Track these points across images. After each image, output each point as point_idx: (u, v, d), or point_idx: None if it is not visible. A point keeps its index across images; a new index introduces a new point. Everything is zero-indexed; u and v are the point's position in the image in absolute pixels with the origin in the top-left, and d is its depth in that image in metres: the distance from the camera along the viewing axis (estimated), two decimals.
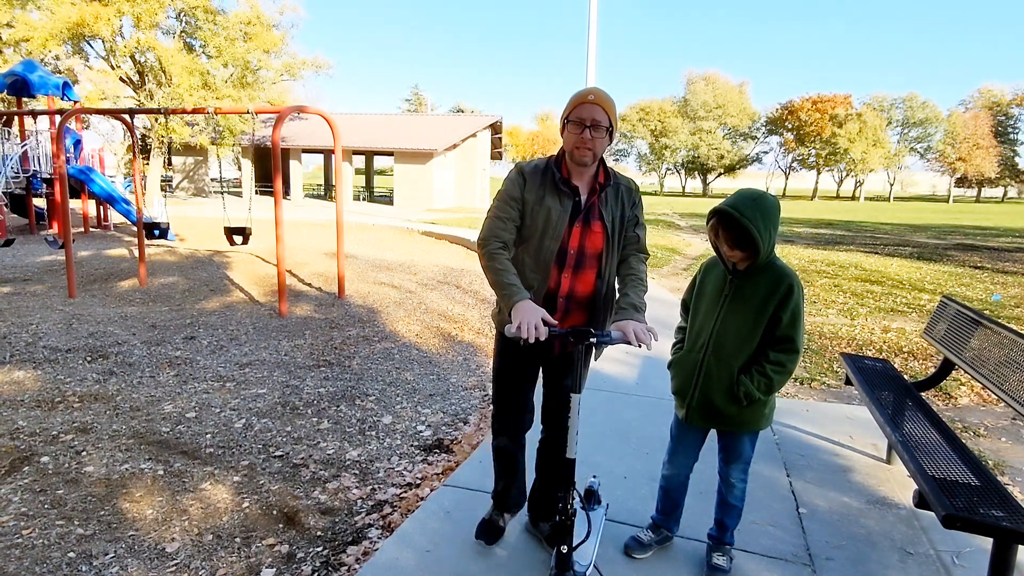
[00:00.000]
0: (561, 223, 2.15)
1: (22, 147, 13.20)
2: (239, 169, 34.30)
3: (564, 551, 1.99)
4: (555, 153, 2.25)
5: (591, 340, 1.96)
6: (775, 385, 2.16)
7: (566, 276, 2.19)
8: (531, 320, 1.91)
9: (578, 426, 2.01)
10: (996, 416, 4.29)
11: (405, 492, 3.11)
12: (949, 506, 1.99)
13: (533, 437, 2.50)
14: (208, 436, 3.65)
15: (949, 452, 2.46)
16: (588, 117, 2.06)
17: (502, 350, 2.34)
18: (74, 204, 15.62)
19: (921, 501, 2.13)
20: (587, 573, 2.18)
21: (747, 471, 2.35)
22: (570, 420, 2.01)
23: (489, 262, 2.14)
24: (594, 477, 2.70)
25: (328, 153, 34.22)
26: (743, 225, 2.01)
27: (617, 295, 2.25)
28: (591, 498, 2.62)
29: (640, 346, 1.97)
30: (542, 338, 1.91)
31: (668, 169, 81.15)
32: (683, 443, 2.41)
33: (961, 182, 73.48)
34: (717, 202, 2.13)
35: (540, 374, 2.42)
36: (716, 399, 2.22)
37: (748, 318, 2.16)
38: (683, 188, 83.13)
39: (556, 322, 2.00)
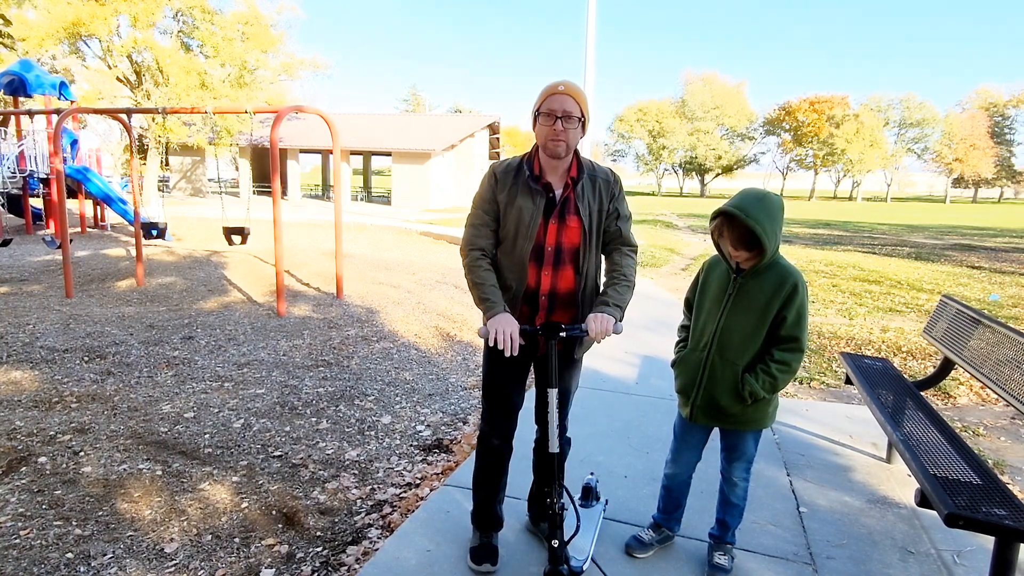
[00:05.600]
0: (534, 222, 2.11)
1: (19, 147, 13.15)
2: (236, 169, 34.25)
3: (555, 545, 1.99)
4: (527, 152, 2.20)
5: (560, 335, 2.03)
6: (780, 384, 2.15)
7: (546, 274, 2.16)
8: (505, 330, 1.98)
9: (557, 420, 2.06)
10: (995, 415, 4.29)
11: (405, 492, 3.10)
12: (951, 505, 1.99)
13: (530, 437, 2.48)
14: (207, 436, 3.63)
15: (950, 451, 2.45)
16: (559, 108, 2.02)
17: (491, 352, 2.33)
18: (71, 204, 15.57)
19: (923, 500, 2.12)
20: (584, 567, 2.18)
21: (750, 470, 2.34)
22: (549, 415, 2.05)
23: (469, 274, 2.16)
24: (591, 474, 2.71)
25: (326, 153, 34.18)
26: (748, 226, 2.00)
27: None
28: (589, 495, 2.62)
29: (595, 338, 2.01)
30: (515, 352, 2.00)
31: (666, 169, 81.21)
32: (687, 442, 2.41)
33: (958, 183, 73.69)
34: (715, 203, 2.13)
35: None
36: (721, 398, 2.22)
37: (752, 317, 2.15)
38: (681, 189, 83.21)
39: (525, 325, 2.07)
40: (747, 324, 2.17)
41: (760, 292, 2.13)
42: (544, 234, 2.13)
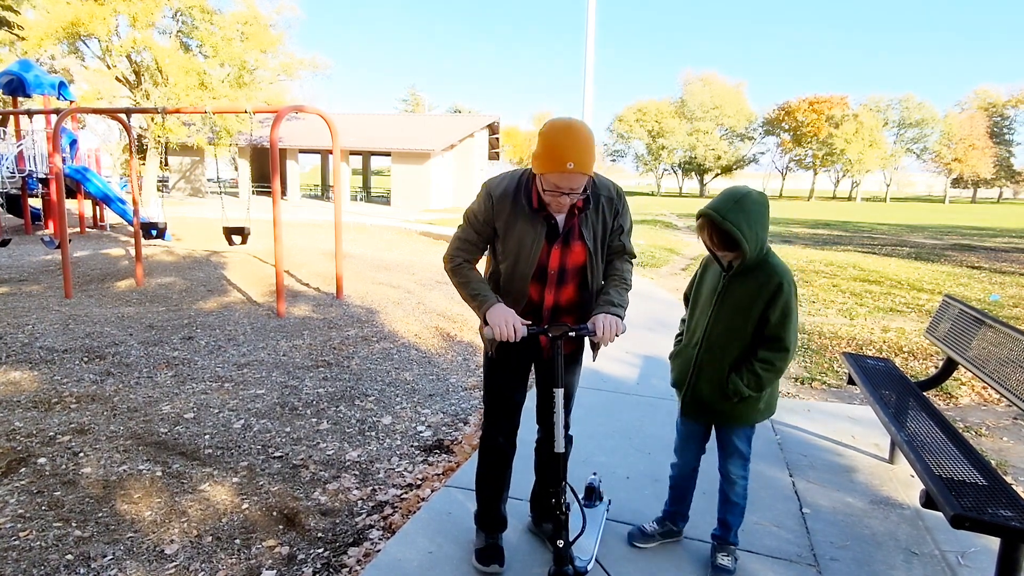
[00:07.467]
0: (536, 248, 2.07)
1: (18, 147, 13.13)
2: (236, 169, 34.21)
3: (560, 546, 1.99)
4: (525, 174, 2.09)
5: (570, 334, 2.03)
6: (765, 383, 2.17)
7: (549, 292, 2.15)
8: (507, 320, 1.97)
9: (563, 420, 2.06)
10: (997, 415, 4.28)
11: (406, 493, 3.08)
12: (957, 506, 1.98)
13: (531, 438, 2.47)
14: (207, 437, 3.62)
15: (955, 452, 2.44)
16: (566, 187, 1.90)
17: (492, 357, 2.30)
18: (70, 204, 15.55)
19: (928, 501, 2.11)
20: (588, 568, 2.17)
21: (746, 467, 2.34)
22: (555, 415, 2.05)
23: (455, 276, 2.15)
24: (594, 474, 2.70)
25: (325, 153, 34.16)
26: (724, 228, 2.03)
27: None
28: (592, 495, 2.62)
29: (601, 337, 2.01)
30: (517, 337, 1.97)
31: (665, 170, 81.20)
32: (685, 436, 2.44)
33: (957, 183, 73.75)
34: None
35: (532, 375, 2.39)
36: (707, 394, 2.26)
37: (739, 316, 2.17)
38: (680, 189, 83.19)
39: (528, 322, 2.04)
40: (734, 323, 2.19)
41: (746, 291, 2.15)
42: (547, 257, 2.10)
